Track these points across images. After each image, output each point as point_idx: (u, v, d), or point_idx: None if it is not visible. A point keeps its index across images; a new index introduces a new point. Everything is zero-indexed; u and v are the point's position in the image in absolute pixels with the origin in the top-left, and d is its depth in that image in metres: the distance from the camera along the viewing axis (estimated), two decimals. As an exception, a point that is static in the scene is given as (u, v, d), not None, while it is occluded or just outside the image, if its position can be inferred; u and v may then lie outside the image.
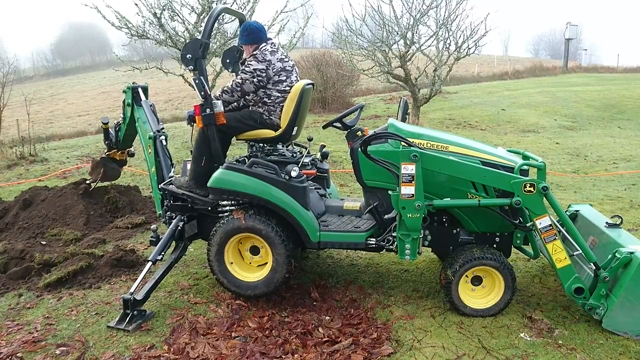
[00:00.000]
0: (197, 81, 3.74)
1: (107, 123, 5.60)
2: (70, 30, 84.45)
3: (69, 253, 4.58)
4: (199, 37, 3.83)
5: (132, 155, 5.92)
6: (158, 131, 4.56)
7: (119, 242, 5.16)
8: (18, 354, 3.17)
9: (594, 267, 3.40)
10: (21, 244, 4.95)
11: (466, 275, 3.58)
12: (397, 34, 12.39)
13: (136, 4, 9.67)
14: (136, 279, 3.81)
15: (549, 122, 14.19)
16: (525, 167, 3.55)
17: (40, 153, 10.45)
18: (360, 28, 12.78)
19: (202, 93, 3.73)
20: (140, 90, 4.84)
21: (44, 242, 5.12)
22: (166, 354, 3.15)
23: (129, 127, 5.21)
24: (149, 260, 3.80)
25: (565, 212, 3.91)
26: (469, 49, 12.28)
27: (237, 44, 4.37)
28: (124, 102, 4.98)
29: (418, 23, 12.14)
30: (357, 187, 7.15)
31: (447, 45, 12.45)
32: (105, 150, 5.79)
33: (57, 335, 3.42)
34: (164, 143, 4.55)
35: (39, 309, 3.82)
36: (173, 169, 4.53)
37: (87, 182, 6.11)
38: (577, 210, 4.28)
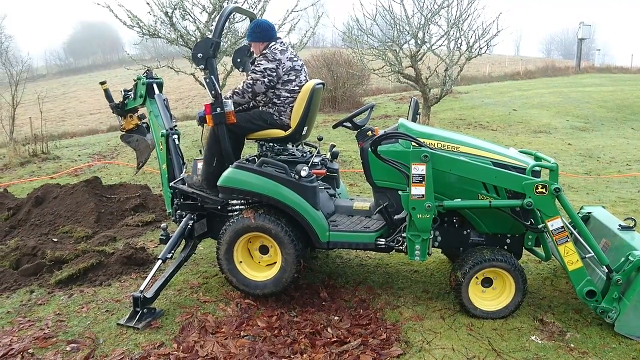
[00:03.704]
0: (207, 80, 3.75)
1: (104, 82, 5.24)
2: (83, 29, 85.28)
3: (80, 250, 4.61)
4: (210, 37, 3.84)
5: (143, 117, 5.35)
6: (171, 129, 4.52)
7: (129, 240, 5.19)
8: (29, 350, 3.20)
9: (606, 270, 3.36)
10: (33, 240, 5.00)
11: (476, 277, 3.55)
12: (408, 33, 12.33)
13: (148, 3, 9.72)
14: (146, 276, 3.83)
15: (561, 123, 14.06)
16: (537, 168, 3.52)
17: (52, 151, 10.56)
18: (371, 27, 12.73)
19: (213, 92, 3.74)
20: (155, 85, 4.73)
21: (55, 239, 5.16)
22: (175, 352, 3.16)
23: (137, 106, 5.04)
24: (158, 259, 3.82)
25: (578, 214, 3.87)
26: (481, 48, 12.18)
27: (246, 42, 4.36)
28: (135, 85, 4.79)
29: (429, 22, 12.07)
30: (366, 187, 7.13)
31: (459, 45, 12.38)
32: (120, 124, 5.34)
33: (67, 332, 3.44)
34: (177, 142, 4.52)
35: (50, 305, 3.86)
36: (185, 168, 4.53)
37: (135, 173, 6.10)
38: (590, 212, 4.23)
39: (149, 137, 5.48)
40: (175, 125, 4.64)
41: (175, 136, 4.52)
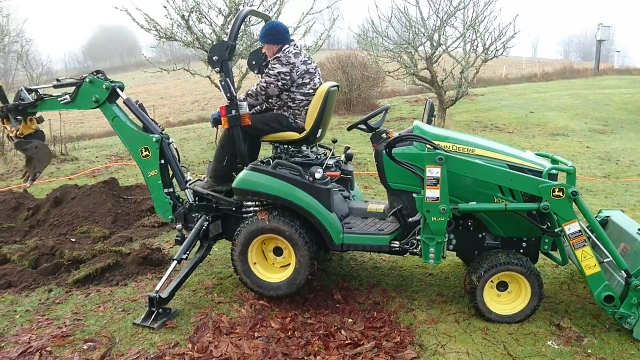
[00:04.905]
0: (223, 83, 3.78)
1: None
2: (101, 33, 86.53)
3: (97, 250, 4.67)
4: (226, 39, 3.86)
5: (41, 121, 4.75)
6: (161, 133, 4.18)
7: (145, 241, 5.25)
8: (47, 348, 3.25)
9: (625, 275, 3.30)
10: (52, 240, 5.09)
11: (491, 281, 3.52)
12: (424, 35, 12.29)
13: (165, 7, 9.84)
14: (162, 277, 3.87)
15: (579, 126, 13.87)
16: (554, 171, 3.48)
17: (70, 152, 10.72)
18: (386, 30, 12.72)
19: (228, 94, 3.76)
20: (118, 89, 4.20)
21: (73, 239, 5.24)
22: (190, 352, 3.19)
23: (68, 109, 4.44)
24: (174, 259, 3.85)
25: (596, 217, 3.82)
26: (497, 50, 12.09)
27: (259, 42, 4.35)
28: (78, 86, 4.18)
29: (445, 24, 12.02)
30: (380, 189, 7.11)
31: (475, 47, 12.29)
32: (9, 130, 4.54)
33: (84, 331, 3.49)
34: (175, 146, 4.26)
35: (68, 304, 3.92)
36: (189, 172, 4.40)
37: (26, 185, 5.28)
38: (608, 216, 4.16)
39: (47, 144, 4.91)
40: (163, 130, 4.31)
41: (173, 140, 4.26)
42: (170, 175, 4.25)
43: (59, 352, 3.22)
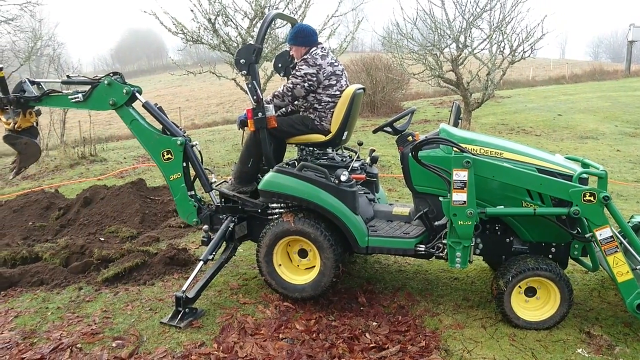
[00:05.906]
0: (250, 85, 3.81)
1: (1, 69, 4.23)
2: (129, 36, 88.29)
3: (125, 250, 4.76)
4: (253, 43, 3.90)
5: (39, 114, 4.64)
6: (184, 136, 4.16)
7: (172, 241, 5.32)
8: (78, 345, 3.33)
9: (659, 283, 3.21)
10: (81, 239, 5.20)
11: (519, 286, 3.46)
12: (449, 37, 12.19)
13: (192, 10, 9.98)
14: (188, 277, 3.92)
15: (609, 128, 13.53)
16: (585, 176, 3.40)
17: (99, 153, 10.95)
18: (411, 31, 12.65)
19: (255, 97, 3.80)
20: (136, 93, 4.15)
21: (102, 239, 5.35)
22: (215, 352, 3.22)
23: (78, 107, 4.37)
24: (200, 260, 3.89)
25: (628, 223, 3.72)
26: (524, 52, 11.90)
27: (287, 44, 4.36)
28: (94, 86, 4.12)
29: (471, 26, 11.90)
30: (405, 192, 7.07)
31: (501, 49, 12.12)
32: (4, 121, 4.43)
33: (113, 329, 3.56)
34: (199, 148, 4.27)
35: (97, 302, 4.00)
36: (213, 175, 4.44)
37: (9, 178, 5.07)
38: (641, 222, 4.06)
39: (39, 141, 4.84)
40: (185, 132, 4.32)
41: (196, 143, 4.26)
42: (193, 177, 4.28)
43: (88, 349, 3.29)
